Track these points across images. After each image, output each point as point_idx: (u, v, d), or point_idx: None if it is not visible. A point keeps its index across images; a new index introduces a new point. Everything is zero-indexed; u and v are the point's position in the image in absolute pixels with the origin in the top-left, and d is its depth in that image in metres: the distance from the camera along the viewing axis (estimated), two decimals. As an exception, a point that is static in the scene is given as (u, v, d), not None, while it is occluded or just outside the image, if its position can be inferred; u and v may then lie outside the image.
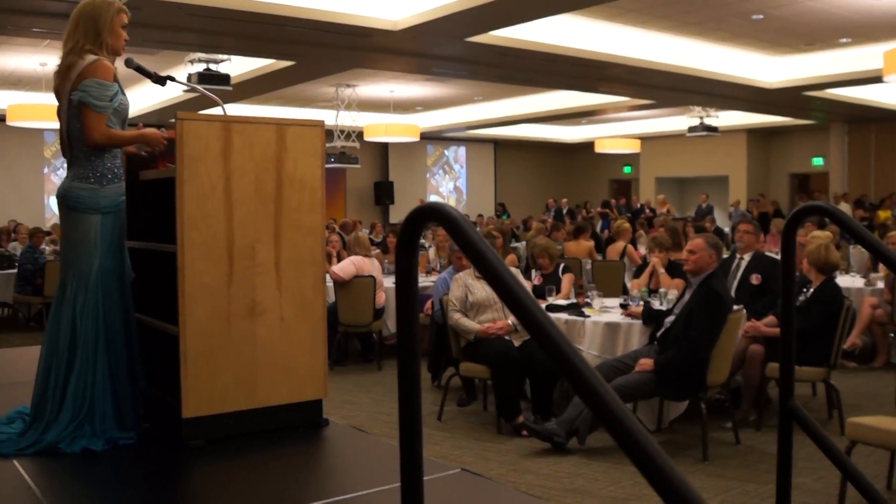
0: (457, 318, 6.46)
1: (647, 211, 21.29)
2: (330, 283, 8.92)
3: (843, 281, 8.89)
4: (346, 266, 8.64)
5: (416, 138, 19.08)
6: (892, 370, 8.29)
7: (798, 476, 5.18)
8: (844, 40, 14.01)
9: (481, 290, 6.50)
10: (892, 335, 8.65)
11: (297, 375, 3.85)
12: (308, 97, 18.77)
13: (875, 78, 12.38)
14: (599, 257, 11.72)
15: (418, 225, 1.31)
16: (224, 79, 12.49)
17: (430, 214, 1.28)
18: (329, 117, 18.85)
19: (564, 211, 22.47)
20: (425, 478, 3.24)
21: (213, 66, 12.61)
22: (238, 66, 13.84)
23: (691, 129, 19.53)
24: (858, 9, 12.04)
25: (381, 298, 8.80)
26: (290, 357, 3.81)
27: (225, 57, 12.76)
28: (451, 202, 27.78)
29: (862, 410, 6.48)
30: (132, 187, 4.07)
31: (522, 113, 20.86)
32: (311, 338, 3.89)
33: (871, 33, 13.37)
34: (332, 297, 8.90)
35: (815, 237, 7.60)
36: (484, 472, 5.33)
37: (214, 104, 4.04)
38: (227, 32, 11.11)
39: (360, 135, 18.85)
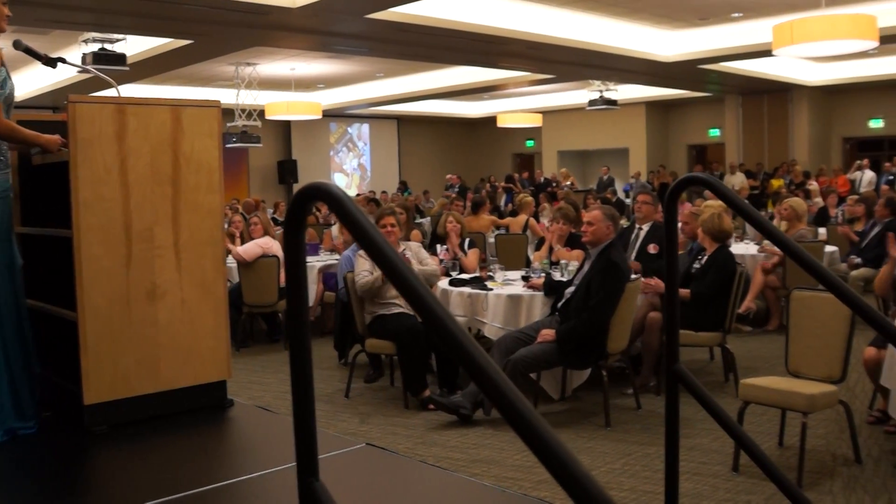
0: (364, 281, 6.41)
1: (553, 185, 21.56)
2: (233, 264, 8.83)
3: (738, 248, 9.20)
4: (251, 248, 8.57)
5: (319, 116, 18.92)
6: (785, 332, 8.61)
7: (696, 437, 5.39)
8: (736, 15, 14.39)
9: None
10: (784, 299, 8.97)
11: (200, 357, 3.83)
12: (208, 76, 18.43)
13: (765, 51, 12.76)
14: (502, 231, 11.85)
15: (305, 205, 1.33)
16: (120, 59, 12.19)
17: (316, 194, 1.30)
18: (230, 96, 18.56)
19: (457, 187, 22.54)
20: (330, 453, 3.29)
21: (108, 46, 12.28)
22: (135, 46, 13.51)
23: (591, 103, 19.82)
24: (749, -17, 12.39)
25: (284, 278, 8.74)
26: (192, 339, 3.79)
27: (121, 36, 12.42)
28: (356, 179, 27.69)
29: (757, 372, 6.70)
30: (25, 172, 3.98)
31: (425, 89, 20.87)
32: (213, 319, 3.87)
33: (762, 8, 13.74)
34: (235, 278, 8.82)
35: (709, 206, 7.82)
36: (391, 446, 5.38)
37: (111, 85, 3.96)
38: (123, 11, 10.84)
39: (261, 113, 18.60)
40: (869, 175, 18.68)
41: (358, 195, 20.66)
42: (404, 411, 6.26)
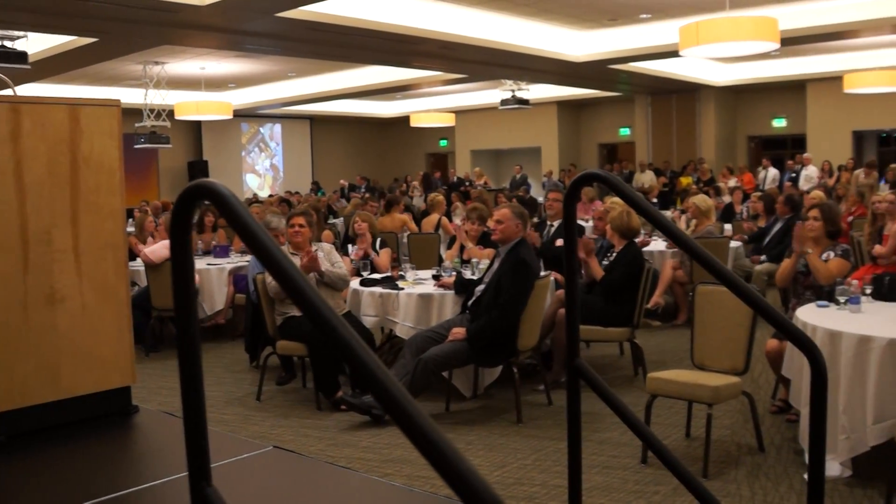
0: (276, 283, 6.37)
1: (467, 184, 21.65)
2: (141, 267, 8.66)
3: (655, 246, 9.40)
4: (159, 249, 8.40)
5: (230, 116, 18.66)
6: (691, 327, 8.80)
7: (606, 431, 5.47)
8: (644, 16, 14.65)
9: (297, 265, 6.46)
10: (691, 294, 9.16)
11: (103, 363, 3.73)
12: (115, 75, 18.04)
13: (673, 52, 13.00)
14: (416, 230, 11.85)
15: (190, 204, 1.31)
16: (21, 57, 11.80)
17: (202, 193, 1.28)
18: (138, 96, 18.20)
19: (363, 188, 22.41)
20: (236, 458, 3.24)
21: (8, 44, 11.89)
22: (37, 44, 13.14)
23: (503, 103, 19.96)
24: (656, -14, 12.62)
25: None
26: (94, 344, 3.69)
27: (21, 33, 12.05)
28: (268, 180, 27.40)
29: (665, 366, 6.85)
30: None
31: (337, 88, 20.78)
32: (115, 324, 3.78)
33: (669, 9, 14.02)
34: (143, 282, 8.65)
35: (617, 203, 7.94)
36: (303, 448, 5.34)
37: (7, 85, 3.84)
38: (24, 7, 10.52)
39: (170, 114, 18.26)
40: (772, 173, 19.21)
41: (271, 196, 20.44)
42: (316, 413, 6.21)
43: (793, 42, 14.56)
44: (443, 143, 29.23)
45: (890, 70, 16.50)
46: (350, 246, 8.18)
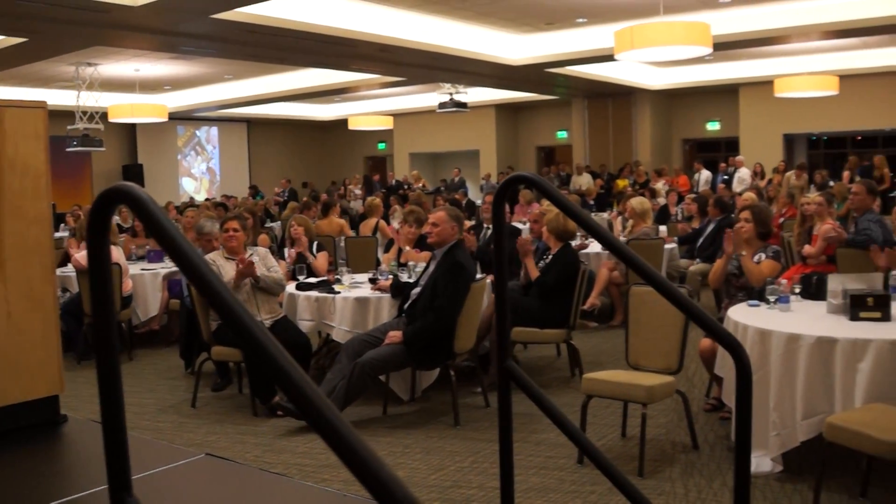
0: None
1: (405, 187, 21.64)
2: (72, 273, 8.51)
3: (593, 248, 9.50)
4: (90, 254, 8.24)
5: (165, 119, 18.43)
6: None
7: (543, 432, 5.49)
8: (581, 20, 14.78)
9: (233, 270, 6.41)
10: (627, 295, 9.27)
11: (29, 372, 3.64)
12: (45, 77, 17.69)
13: (608, 56, 13.13)
14: (353, 234, 11.81)
15: (107, 208, 1.28)
16: (-55, 57, 11.54)
17: (118, 196, 1.25)
18: (70, 98, 17.86)
19: (286, 191, 22.16)
20: (167, 466, 3.18)
21: (-71, 44, 11.61)
22: (-39, 44, 12.86)
23: (441, 106, 19.99)
24: (591, -10, 12.75)
25: (127, 286, 8.47)
26: (19, 353, 3.60)
27: (-55, 34, 11.80)
28: (205, 184, 27.10)
29: (602, 366, 6.91)
30: None
31: (275, 91, 20.63)
32: (42, 332, 3.69)
33: (605, 14, 14.18)
34: (75, 287, 8.49)
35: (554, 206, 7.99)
36: (239, 455, 5.28)
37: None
38: (-53, 7, 10.30)
39: (104, 116, 17.97)
40: (705, 175, 19.53)
41: (207, 199, 20.20)
42: (252, 419, 6.15)
43: (725, 47, 14.82)
44: (381, 146, 29.19)
45: (819, 75, 16.88)
46: (286, 250, 8.12)
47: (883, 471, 4.44)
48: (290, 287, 6.95)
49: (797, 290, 5.53)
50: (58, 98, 18.20)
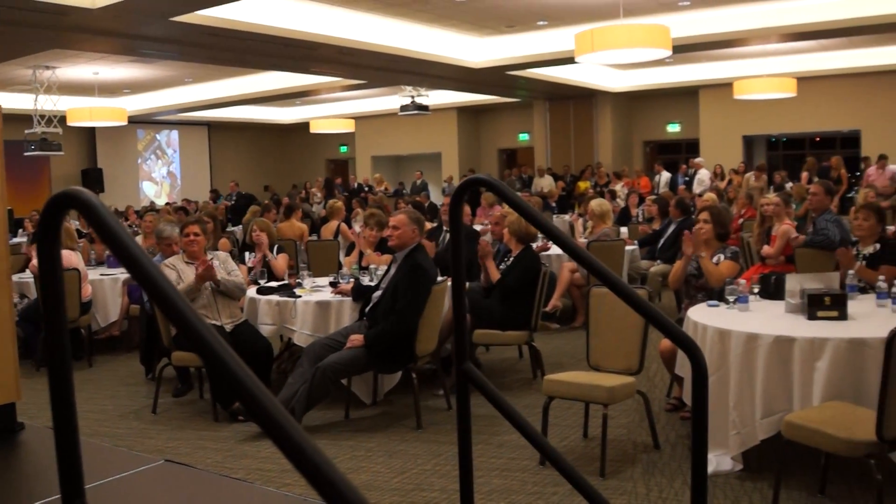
0: (178, 289, 6.22)
1: (366, 190, 21.60)
2: (30, 278, 8.40)
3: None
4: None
5: (125, 122, 18.23)
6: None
7: (505, 434, 5.50)
8: (542, 23, 14.84)
9: (192, 274, 6.36)
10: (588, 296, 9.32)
11: (-17, 379, 3.59)
12: (2, 80, 17.48)
13: (569, 58, 13.19)
14: (315, 237, 11.77)
15: (57, 213, 1.27)
16: None
17: (68, 201, 1.24)
18: (27, 102, 17.63)
19: (234, 195, 21.84)
20: (125, 473, 3.15)
21: None
22: (-86, 47, 12.64)
23: (403, 108, 19.97)
24: (552, -7, 12.81)
25: (87, 291, 8.38)
26: (-27, 361, 3.54)
27: None
28: (165, 188, 26.87)
29: (564, 367, 6.93)
30: None
31: (236, 94, 20.50)
32: (-3, 338, 3.63)
33: (565, 16, 14.24)
34: (34, 294, 8.38)
35: (516, 209, 8.01)
36: (200, 461, 5.24)
37: None
38: None
39: (62, 120, 17.75)
40: (665, 176, 19.69)
41: (167, 204, 20.02)
42: (214, 424, 6.10)
43: (685, 49, 14.94)
44: (343, 149, 29.12)
45: (777, 77, 17.07)
46: (247, 254, 8.07)
47: (841, 468, 4.50)
48: (251, 291, 6.91)
49: (756, 290, 5.59)
50: (15, 102, 17.95)
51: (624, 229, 12.10)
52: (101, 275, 8.92)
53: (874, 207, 6.50)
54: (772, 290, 5.52)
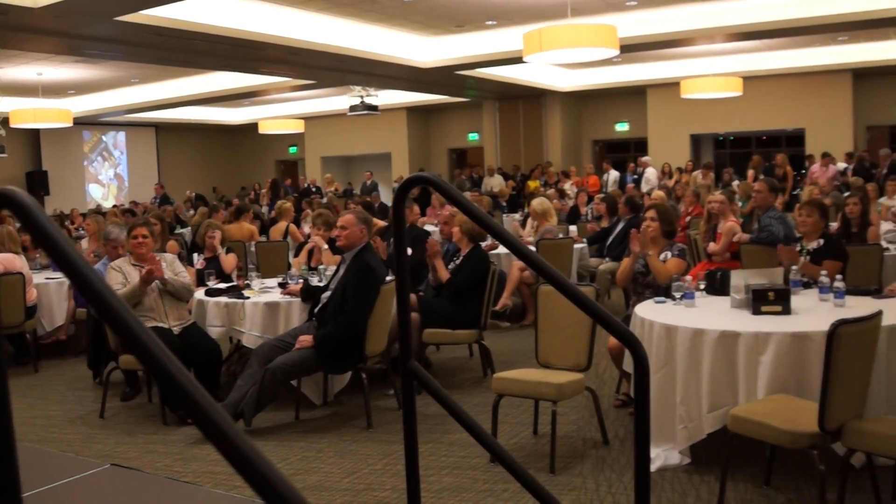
0: (120, 292, 6.15)
1: (313, 190, 21.50)
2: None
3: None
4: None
5: (70, 124, 17.94)
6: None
7: (456, 433, 5.50)
8: (490, 22, 14.89)
9: (138, 276, 6.28)
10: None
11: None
12: (-60, 81, 17.16)
13: (517, 58, 13.25)
14: (263, 238, 11.68)
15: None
16: None
17: (1, 201, 1.22)
18: (-33, 103, 17.32)
19: (158, 197, 21.57)
20: (71, 478, 3.10)
21: None
22: None
23: (352, 109, 19.91)
24: (500, -7, 12.87)
25: (31, 296, 8.24)
26: None
27: None
28: (113, 190, 26.51)
29: (514, 365, 6.93)
30: None
31: (183, 95, 20.30)
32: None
33: (514, 16, 14.30)
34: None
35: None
36: (149, 465, 5.19)
37: None
38: None
39: (5, 121, 17.43)
40: (613, 175, 19.86)
41: (115, 206, 19.76)
42: (163, 428, 6.03)
43: (632, 49, 15.09)
44: (292, 149, 28.96)
45: (724, 76, 17.31)
46: (196, 255, 8.00)
47: (785, 459, 4.58)
48: (200, 293, 6.85)
49: (702, 287, 5.66)
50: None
51: (573, 227, 12.19)
52: (47, 278, 8.78)
53: (817, 204, 6.62)
54: (717, 286, 5.60)
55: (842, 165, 17.53)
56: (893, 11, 13.13)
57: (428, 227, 10.41)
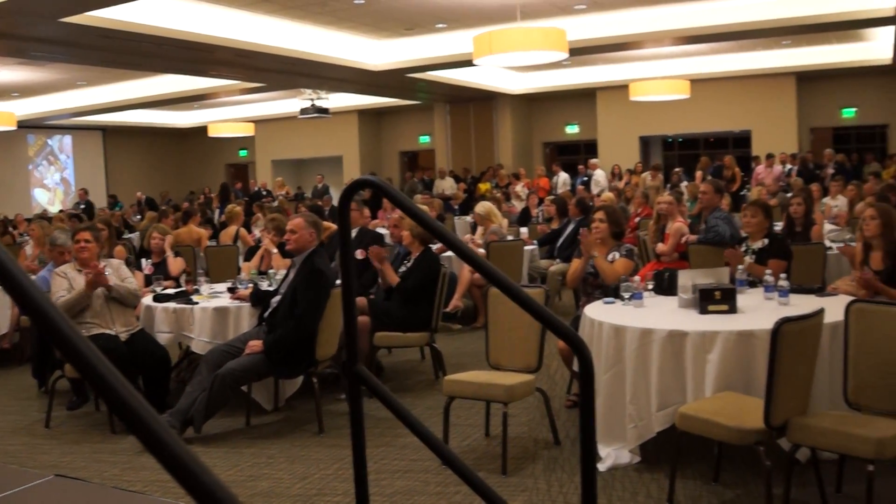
0: (64, 301, 6.06)
1: (265, 194, 21.35)
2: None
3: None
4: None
5: (14, 127, 17.66)
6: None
7: (408, 436, 5.49)
8: (441, 25, 14.90)
9: (84, 282, 6.18)
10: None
11: None
12: None
13: (468, 61, 13.28)
14: (213, 243, 11.58)
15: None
16: None
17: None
18: None
19: (83, 203, 21.40)
20: (14, 490, 3.05)
21: None
22: None
23: (303, 112, 19.83)
24: (451, -4, 12.89)
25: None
26: None
27: None
28: (59, 195, 26.08)
29: (465, 367, 6.91)
30: None
31: (131, 98, 20.03)
32: None
33: (463, 19, 14.32)
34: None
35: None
36: (96, 474, 5.11)
37: None
38: None
39: (-54, 125, 17.11)
40: (563, 177, 19.96)
41: (61, 211, 19.45)
42: (111, 436, 5.94)
43: (581, 52, 15.20)
44: (243, 153, 28.72)
45: (671, 79, 17.50)
46: (144, 260, 7.90)
47: (733, 456, 4.64)
48: (147, 299, 6.76)
49: (650, 287, 5.72)
50: None
51: (524, 229, 12.24)
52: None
53: (761, 204, 6.73)
54: (665, 286, 5.66)
55: (787, 166, 17.83)
56: (834, 17, 13.42)
57: (381, 231, 10.38)
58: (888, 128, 20.80)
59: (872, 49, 17.96)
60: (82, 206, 20.57)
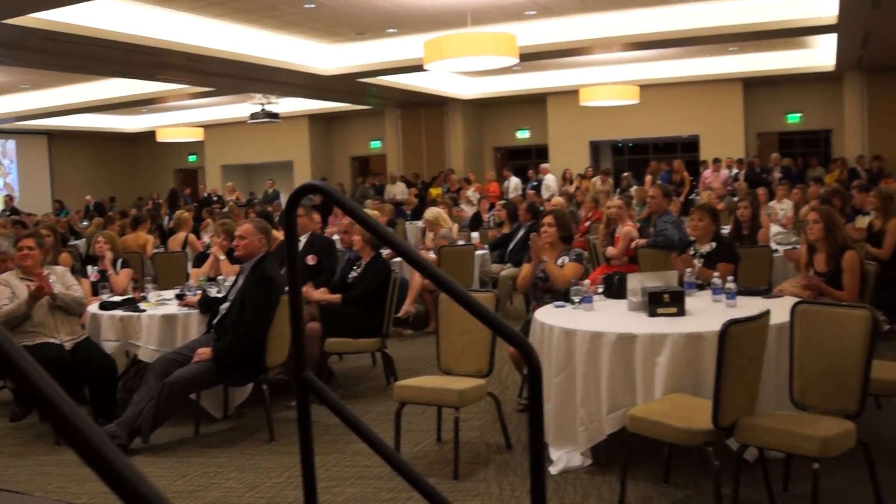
0: (6, 310, 5.94)
1: (215, 199, 21.16)
2: None
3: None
4: None
5: (-45, 132, 17.34)
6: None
7: (359, 442, 5.43)
8: (391, 30, 14.89)
9: (27, 290, 6.07)
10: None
11: None
12: None
13: (419, 66, 13.30)
14: (162, 249, 11.44)
15: None
16: None
17: None
18: None
19: (8, 210, 21.18)
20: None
21: None
22: None
23: (253, 116, 19.72)
24: (401, 1, 12.86)
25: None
26: None
27: None
28: (2, 200, 25.61)
29: (417, 373, 6.88)
30: None
31: (77, 102, 19.76)
32: None
33: (414, 24, 14.33)
34: None
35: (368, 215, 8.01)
36: (40, 487, 5.00)
37: None
38: None
39: None
40: (514, 182, 20.06)
41: (4, 216, 19.08)
42: (55, 448, 5.80)
43: (532, 58, 15.29)
44: (192, 158, 28.44)
45: (621, 85, 17.66)
46: (90, 267, 7.77)
47: (683, 457, 4.68)
48: (94, 306, 6.65)
49: (600, 290, 5.75)
50: None
51: (475, 234, 12.26)
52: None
53: (707, 208, 6.81)
54: (615, 289, 5.69)
55: (734, 171, 18.08)
56: (779, 24, 13.66)
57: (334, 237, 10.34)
58: (832, 133, 21.18)
59: (816, 56, 18.31)
60: (7, 213, 20.21)
